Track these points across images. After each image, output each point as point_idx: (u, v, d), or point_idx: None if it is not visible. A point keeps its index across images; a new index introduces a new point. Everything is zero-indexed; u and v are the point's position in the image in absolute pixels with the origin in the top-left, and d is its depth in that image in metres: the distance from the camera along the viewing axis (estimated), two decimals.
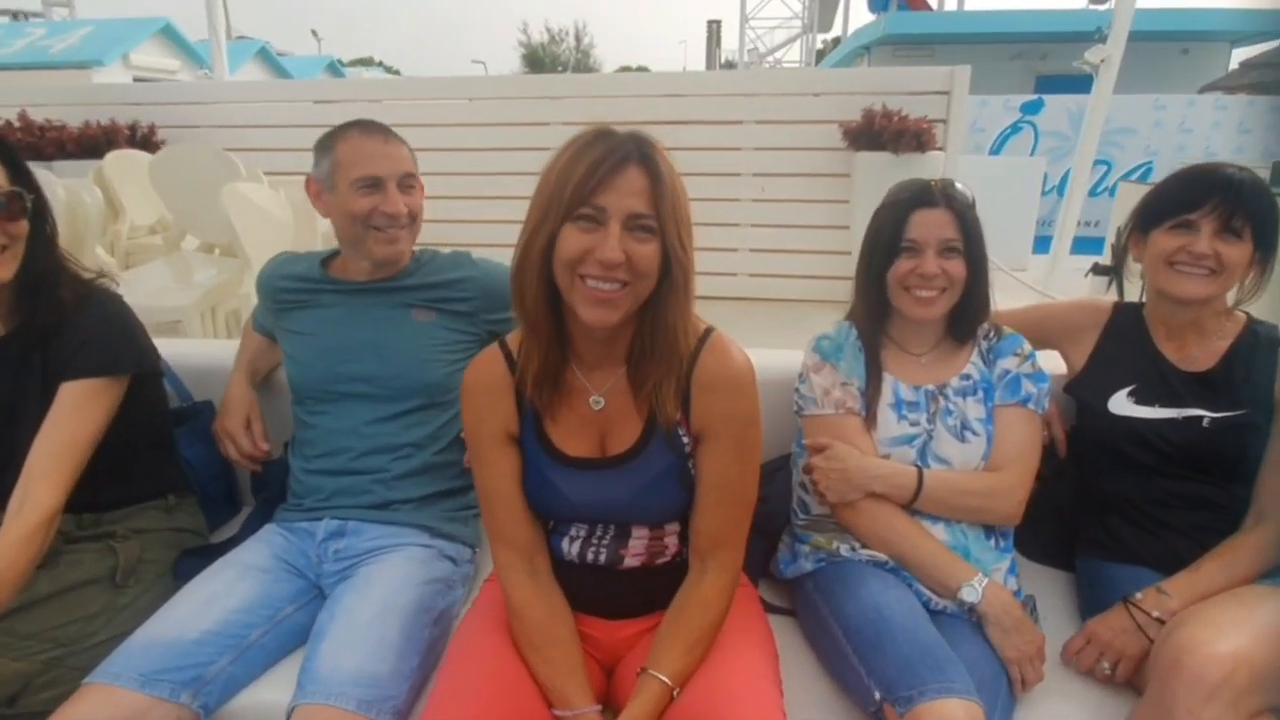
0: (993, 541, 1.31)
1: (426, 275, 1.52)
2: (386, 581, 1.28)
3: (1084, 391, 1.47)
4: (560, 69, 38.67)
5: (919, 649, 1.07)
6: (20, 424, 1.27)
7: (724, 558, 1.14)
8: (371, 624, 1.20)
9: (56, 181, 2.93)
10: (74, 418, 1.26)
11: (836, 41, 24.15)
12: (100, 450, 1.29)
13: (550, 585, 1.18)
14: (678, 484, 1.13)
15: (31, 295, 1.29)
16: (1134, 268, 1.46)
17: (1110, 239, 5.90)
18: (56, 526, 1.22)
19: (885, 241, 1.34)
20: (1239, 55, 14.05)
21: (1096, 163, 12.36)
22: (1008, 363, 1.37)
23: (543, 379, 1.11)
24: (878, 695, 1.06)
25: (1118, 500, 1.42)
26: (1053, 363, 1.55)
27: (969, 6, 18.70)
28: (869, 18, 19.49)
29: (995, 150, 12.16)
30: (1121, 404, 1.40)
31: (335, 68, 20.75)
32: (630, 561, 1.18)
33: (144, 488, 1.44)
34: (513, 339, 1.17)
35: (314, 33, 34.06)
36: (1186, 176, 1.34)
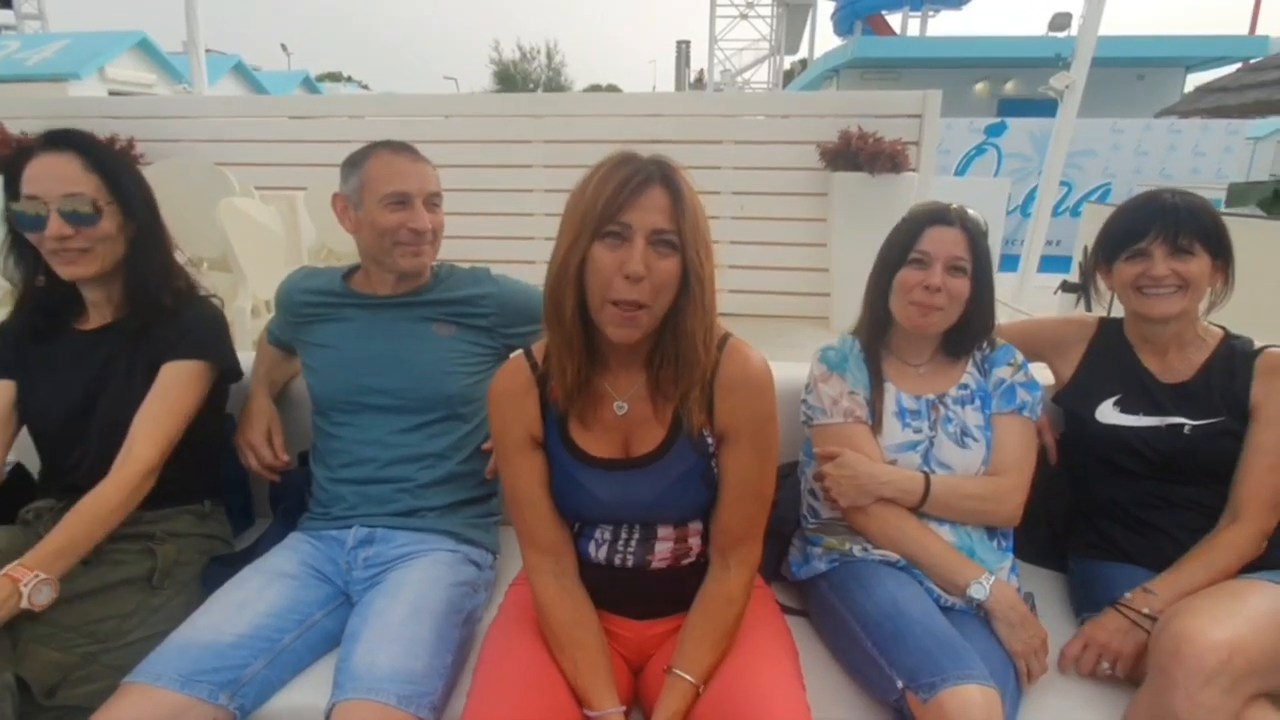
0: (995, 542, 1.40)
1: (446, 290, 1.57)
2: (416, 584, 1.32)
3: (1072, 402, 1.56)
4: (532, 87, 38.86)
5: (937, 640, 1.14)
6: (104, 401, 1.39)
7: (745, 553, 1.20)
8: (405, 624, 1.23)
9: None
10: (174, 392, 1.40)
11: (804, 63, 24.68)
12: None
13: (576, 587, 1.23)
14: (701, 483, 1.18)
15: (135, 294, 1.43)
16: (1103, 285, 1.57)
17: (1078, 257, 6.13)
18: (152, 484, 1.35)
19: (897, 252, 1.42)
20: (1194, 80, 14.69)
21: (1058, 184, 12.79)
22: (1002, 372, 1.45)
23: (574, 389, 1.16)
24: (900, 684, 1.13)
25: (1108, 503, 1.51)
26: (1042, 374, 1.65)
27: (931, 32, 19.31)
28: (835, 41, 19.98)
29: (960, 171, 12.49)
30: (1108, 413, 1.49)
31: (311, 83, 20.69)
32: (658, 564, 1.23)
33: (185, 490, 1.48)
34: (537, 348, 1.22)
35: (284, 47, 33.77)
36: (1130, 209, 1.45)
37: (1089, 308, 1.64)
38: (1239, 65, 9.86)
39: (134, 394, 1.38)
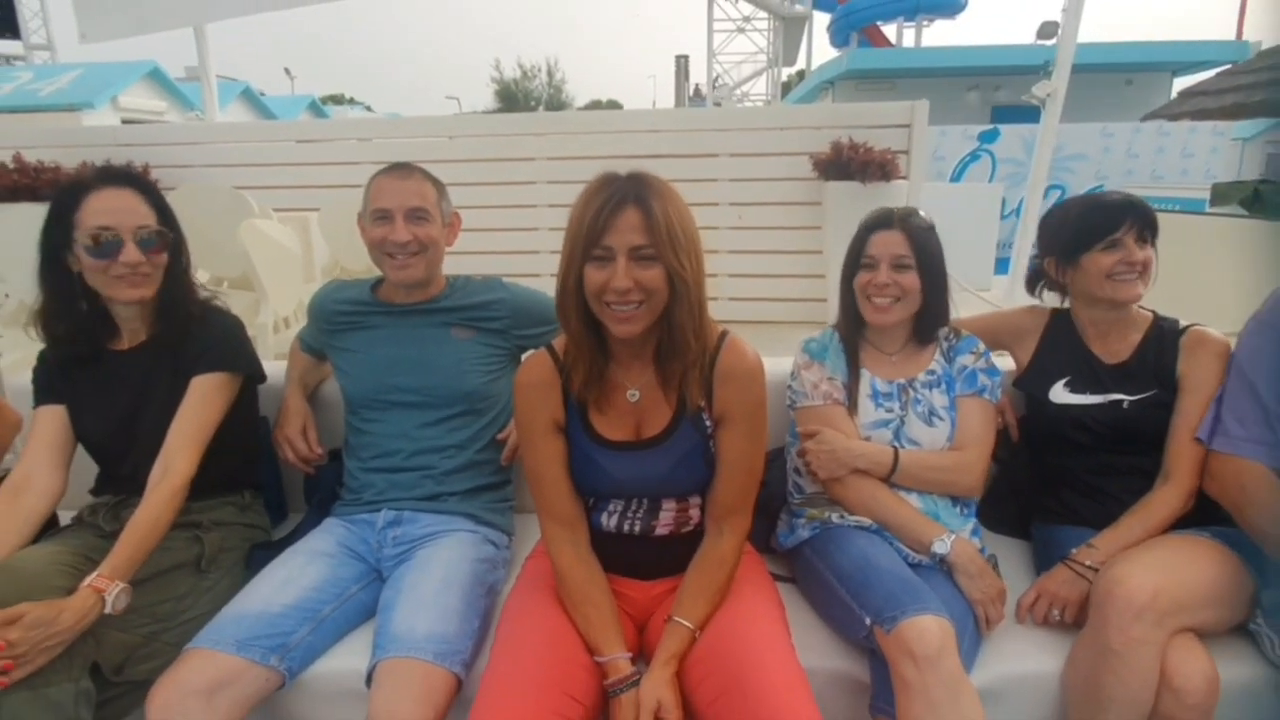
0: (958, 509, 1.55)
1: (462, 298, 1.74)
2: (444, 560, 1.48)
3: (1029, 385, 1.72)
4: (533, 104, 39.27)
5: (900, 583, 1.30)
6: (145, 412, 1.53)
7: (736, 522, 1.36)
8: (437, 594, 1.39)
9: None
10: (203, 404, 1.53)
11: (801, 75, 24.92)
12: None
13: (588, 554, 1.39)
14: (701, 461, 1.35)
15: (168, 312, 1.57)
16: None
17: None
18: (188, 491, 1.45)
19: (852, 258, 1.61)
20: (1180, 84, 14.87)
21: (1051, 187, 12.91)
22: (965, 360, 1.61)
23: (590, 380, 1.33)
24: (868, 621, 1.28)
25: (1063, 473, 1.67)
26: (1005, 361, 1.82)
27: (926, 42, 19.51)
28: (832, 52, 20.17)
29: (956, 177, 12.64)
30: (1059, 394, 1.65)
31: (317, 106, 21.06)
32: (661, 531, 1.40)
33: (227, 483, 1.63)
34: (558, 344, 1.38)
35: (287, 71, 34.32)
36: (1098, 207, 1.60)
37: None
38: (1220, 69, 10.07)
39: (172, 404, 1.52)
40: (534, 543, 1.55)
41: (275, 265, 3.27)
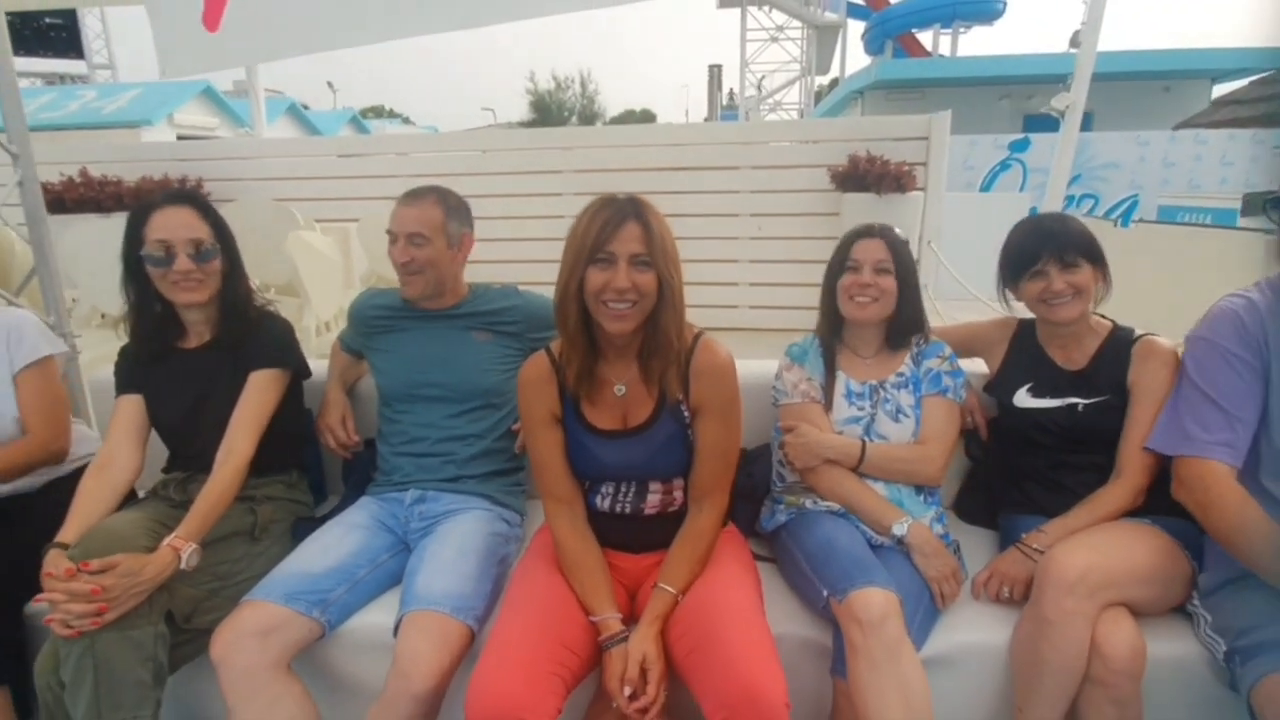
0: (922, 497, 1.72)
1: (481, 305, 1.96)
2: (462, 533, 1.69)
3: (997, 391, 1.87)
4: (567, 114, 39.83)
5: (855, 561, 1.48)
6: (210, 403, 1.77)
7: (714, 500, 1.55)
8: (455, 561, 1.60)
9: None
10: (260, 396, 1.77)
11: (834, 83, 24.86)
12: None
13: (585, 528, 1.58)
14: (681, 447, 1.54)
15: (229, 315, 1.82)
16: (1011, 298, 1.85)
17: None
18: (248, 470, 1.70)
19: (836, 263, 1.79)
20: (1220, 90, 14.61)
21: (1084, 196, 12.83)
22: (932, 363, 1.78)
23: (581, 375, 1.53)
24: (825, 593, 1.46)
25: (1027, 469, 1.82)
26: (979, 367, 1.98)
27: (963, 49, 19.31)
28: (866, 60, 20.10)
29: (986, 186, 12.56)
30: (1023, 399, 1.80)
31: (358, 120, 21.78)
32: (649, 511, 1.59)
33: (276, 463, 1.86)
34: (555, 346, 1.59)
35: (330, 85, 35.37)
36: (1020, 236, 1.75)
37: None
38: (1257, 77, 9.93)
39: (233, 395, 1.77)
40: (542, 523, 1.76)
41: (318, 274, 3.54)
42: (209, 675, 1.61)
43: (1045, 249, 1.69)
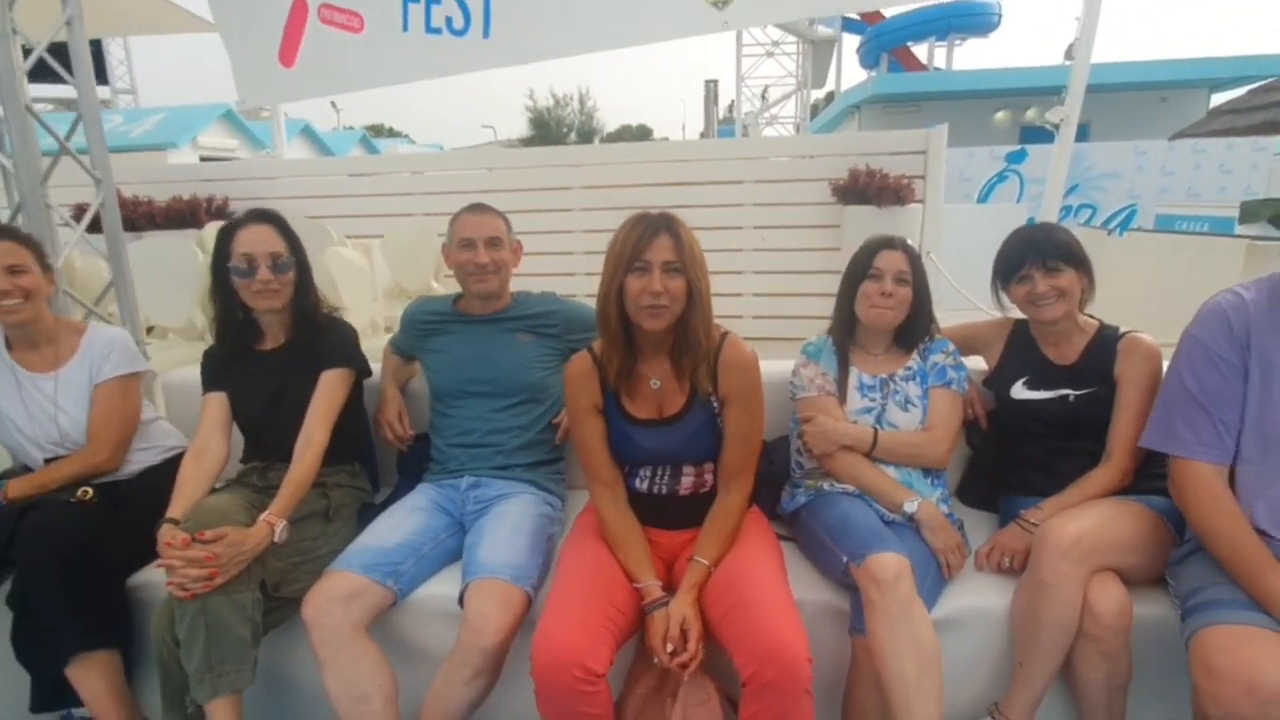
0: (929, 480, 1.90)
1: (524, 309, 2.15)
2: (514, 514, 1.88)
3: (996, 384, 2.06)
4: (565, 130, 40.23)
5: (870, 531, 1.66)
6: (286, 401, 1.97)
7: (741, 481, 1.73)
8: (510, 536, 1.79)
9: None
10: (331, 392, 1.97)
11: (830, 96, 25.11)
12: None
13: (626, 507, 1.77)
14: (711, 434, 1.72)
15: (301, 321, 2.02)
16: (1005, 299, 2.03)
17: None
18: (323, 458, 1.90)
19: (859, 270, 1.96)
20: (1219, 99, 14.77)
21: (1082, 206, 13.03)
22: (937, 358, 1.96)
23: (621, 372, 1.72)
24: (844, 559, 1.64)
25: (1025, 456, 2.00)
26: (978, 364, 2.16)
27: (958, 62, 19.56)
28: (862, 74, 20.31)
29: (983, 198, 12.73)
30: (1019, 391, 1.99)
31: (367, 140, 22.44)
32: (683, 492, 1.78)
33: (343, 455, 2.05)
34: (596, 346, 1.77)
35: (333, 104, 35.77)
36: (1009, 246, 1.94)
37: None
38: (1253, 86, 10.12)
39: (306, 392, 1.97)
40: (580, 508, 1.95)
41: (352, 285, 3.74)
42: (292, 641, 1.81)
43: (1029, 256, 1.88)
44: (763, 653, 1.43)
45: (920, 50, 19.58)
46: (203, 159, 13.02)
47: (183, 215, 5.79)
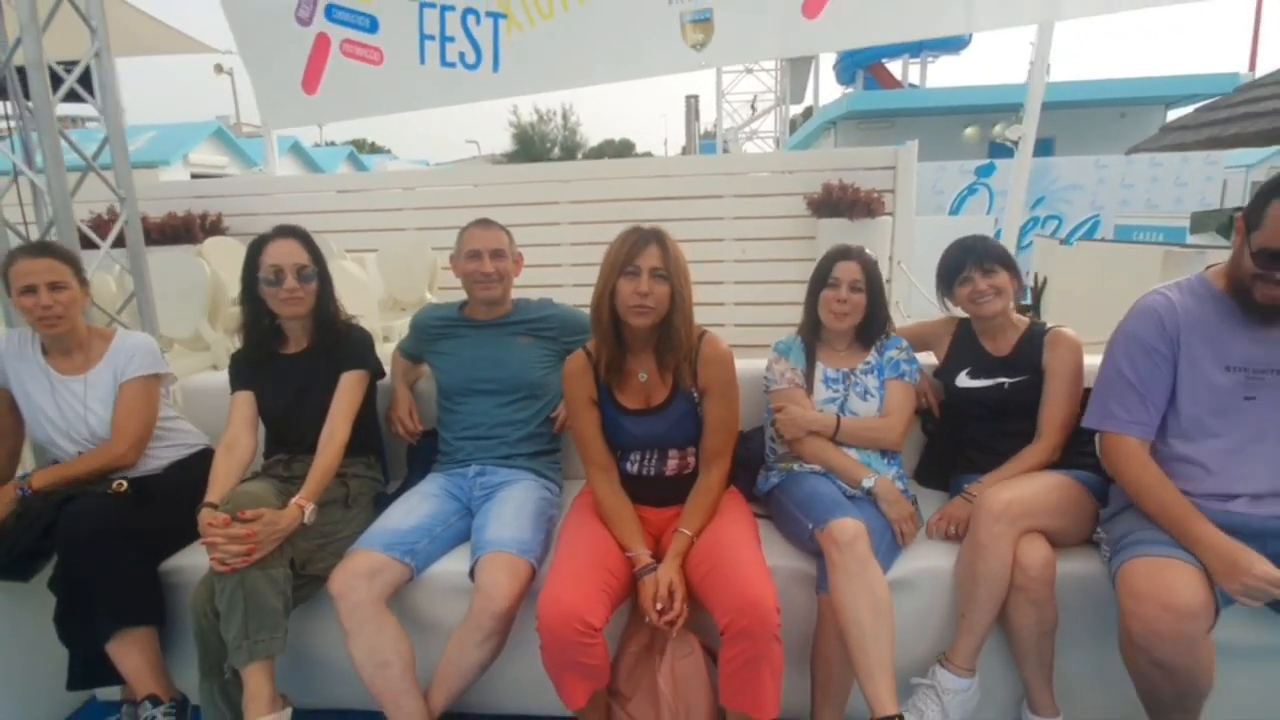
0: (886, 460, 2.15)
1: (523, 315, 2.38)
2: (517, 497, 2.10)
3: (944, 375, 2.31)
4: (549, 146, 40.58)
5: (833, 501, 1.90)
6: (309, 399, 2.17)
7: (720, 462, 1.97)
8: (515, 516, 2.01)
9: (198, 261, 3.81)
10: (351, 392, 2.18)
11: (808, 111, 25.60)
12: None
13: (619, 488, 2.00)
14: (692, 421, 1.96)
15: (322, 327, 2.23)
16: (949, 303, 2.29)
17: (1030, 284, 6.86)
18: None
19: (820, 278, 2.21)
20: (1175, 115, 15.38)
21: (1049, 218, 13.48)
22: (893, 354, 2.21)
23: (612, 366, 1.95)
24: (810, 526, 1.87)
25: (969, 438, 2.25)
26: (930, 359, 2.42)
27: (931, 77, 20.10)
28: (839, 89, 20.76)
29: (955, 210, 13.13)
30: (963, 380, 2.24)
31: (355, 156, 22.69)
32: (669, 473, 2.01)
33: (360, 448, 2.25)
34: (590, 345, 2.00)
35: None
36: (951, 252, 2.21)
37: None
38: (1202, 104, 10.62)
39: (327, 392, 2.18)
40: (576, 495, 2.16)
41: (353, 297, 3.94)
42: (316, 616, 2.01)
43: (969, 260, 2.15)
44: (738, 605, 1.66)
45: (895, 66, 20.11)
46: (194, 176, 13.18)
47: (178, 231, 5.94)
